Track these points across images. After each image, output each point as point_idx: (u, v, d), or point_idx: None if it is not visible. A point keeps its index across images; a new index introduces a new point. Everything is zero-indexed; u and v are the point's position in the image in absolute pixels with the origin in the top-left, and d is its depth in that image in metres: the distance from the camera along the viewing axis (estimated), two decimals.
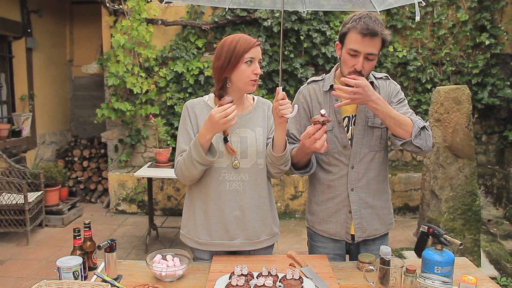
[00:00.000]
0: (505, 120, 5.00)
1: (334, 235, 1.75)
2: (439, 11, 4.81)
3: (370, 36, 1.49)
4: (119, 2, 4.87)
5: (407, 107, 1.69)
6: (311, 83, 1.77)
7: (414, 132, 1.54)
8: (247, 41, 1.55)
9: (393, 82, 1.72)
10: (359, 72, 1.55)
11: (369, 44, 1.51)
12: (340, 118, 1.66)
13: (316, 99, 1.72)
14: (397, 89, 1.71)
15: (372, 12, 1.57)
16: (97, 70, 5.12)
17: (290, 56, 4.73)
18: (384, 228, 1.76)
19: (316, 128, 1.45)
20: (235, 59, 1.54)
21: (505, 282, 3.16)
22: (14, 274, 3.35)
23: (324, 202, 1.75)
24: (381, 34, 1.51)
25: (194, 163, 1.53)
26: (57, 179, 4.61)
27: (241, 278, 1.35)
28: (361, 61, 1.53)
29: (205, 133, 1.50)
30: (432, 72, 4.87)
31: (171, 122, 4.88)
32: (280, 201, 4.91)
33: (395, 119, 1.54)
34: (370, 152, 1.67)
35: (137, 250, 3.93)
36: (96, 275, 1.45)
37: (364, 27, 1.49)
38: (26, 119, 5.17)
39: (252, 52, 1.55)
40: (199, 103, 1.69)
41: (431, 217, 3.33)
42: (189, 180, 1.62)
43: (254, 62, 1.56)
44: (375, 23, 1.50)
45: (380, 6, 2.04)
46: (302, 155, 1.62)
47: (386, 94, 1.67)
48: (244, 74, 1.56)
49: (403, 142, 1.57)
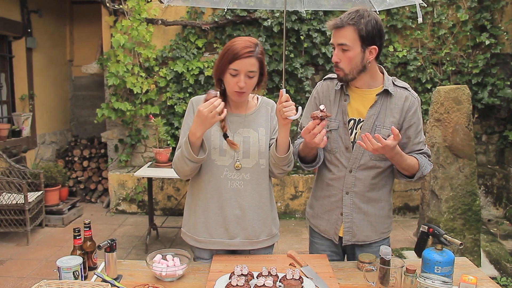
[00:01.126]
0: (505, 120, 5.00)
1: (323, 232, 1.77)
2: (439, 11, 4.80)
3: (337, 28, 1.54)
4: (119, 2, 4.87)
5: (421, 135, 1.67)
6: (327, 79, 1.76)
7: (417, 176, 1.63)
8: (236, 50, 1.50)
9: (412, 95, 1.64)
10: (337, 65, 1.57)
11: (339, 35, 1.54)
12: (346, 119, 1.65)
13: (328, 97, 1.71)
14: (415, 106, 1.63)
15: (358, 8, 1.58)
16: (97, 70, 5.12)
17: (290, 56, 4.73)
18: (376, 236, 1.73)
19: (315, 123, 1.46)
20: (222, 66, 1.55)
21: (505, 282, 3.16)
22: (14, 274, 3.35)
23: (321, 198, 1.77)
24: (347, 24, 1.51)
25: (185, 160, 1.55)
26: (57, 179, 4.61)
27: (241, 278, 1.35)
28: (336, 53, 1.57)
29: (195, 131, 1.49)
30: (432, 72, 4.86)
31: (171, 122, 4.88)
32: (280, 201, 4.91)
33: (404, 166, 1.59)
34: (371, 160, 1.64)
35: (137, 250, 3.93)
36: (96, 275, 1.45)
37: (333, 21, 1.55)
38: (26, 119, 5.17)
39: (237, 64, 1.51)
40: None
41: (431, 217, 3.33)
42: (184, 176, 1.64)
43: (239, 75, 1.52)
44: (346, 16, 1.53)
45: (379, 6, 2.04)
46: (308, 150, 1.64)
47: (400, 108, 1.61)
48: (229, 84, 1.57)
49: (404, 180, 1.69)
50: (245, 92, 1.57)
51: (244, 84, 1.54)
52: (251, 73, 1.54)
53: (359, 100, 1.65)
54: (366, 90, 1.64)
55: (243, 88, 1.54)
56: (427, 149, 1.69)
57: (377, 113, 1.62)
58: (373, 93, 1.63)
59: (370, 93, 1.64)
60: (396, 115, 1.62)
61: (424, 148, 1.68)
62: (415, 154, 1.64)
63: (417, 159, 1.61)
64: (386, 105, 1.62)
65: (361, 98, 1.65)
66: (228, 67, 1.53)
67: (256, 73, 1.57)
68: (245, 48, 1.51)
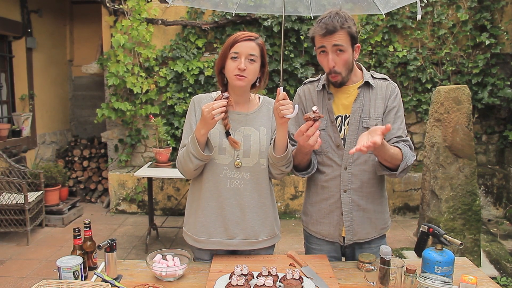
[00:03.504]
0: (505, 120, 5.00)
1: (327, 237, 1.74)
2: (439, 11, 4.80)
3: (329, 34, 1.53)
4: (119, 2, 4.87)
5: (400, 121, 1.65)
6: (308, 83, 1.79)
7: (401, 167, 1.55)
8: (236, 35, 1.57)
9: (392, 83, 1.70)
10: (334, 70, 1.56)
11: (333, 39, 1.54)
12: (333, 117, 1.66)
13: (311, 99, 1.73)
14: (396, 92, 1.67)
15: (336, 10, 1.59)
16: (97, 70, 5.12)
17: (290, 56, 4.73)
18: (375, 233, 1.72)
19: (308, 125, 1.45)
20: (224, 54, 1.58)
21: (505, 282, 3.16)
22: (14, 274, 3.35)
23: (318, 203, 1.74)
24: (341, 28, 1.53)
25: (190, 156, 1.54)
26: (57, 179, 4.62)
27: (241, 278, 1.35)
28: (331, 57, 1.56)
29: (200, 128, 1.51)
30: (432, 72, 4.86)
31: (171, 122, 4.88)
32: (280, 201, 4.91)
33: (387, 157, 1.53)
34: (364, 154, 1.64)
35: (137, 250, 3.93)
36: (96, 275, 1.45)
37: (322, 27, 1.54)
38: (26, 119, 5.17)
39: (237, 47, 1.55)
40: (206, 99, 1.69)
41: (431, 217, 3.33)
42: (188, 174, 1.63)
43: (239, 58, 1.55)
44: (334, 19, 1.53)
45: (384, 9, 2.03)
46: (302, 155, 1.62)
47: (383, 96, 1.65)
48: (229, 69, 1.57)
49: (387, 173, 1.60)
50: (245, 77, 1.56)
51: (245, 67, 1.54)
52: (252, 57, 1.56)
53: (343, 97, 1.67)
54: (349, 86, 1.67)
55: (243, 70, 1.54)
56: (408, 139, 1.64)
57: (362, 106, 1.64)
58: (355, 87, 1.66)
59: (352, 88, 1.67)
60: (380, 105, 1.64)
61: (404, 136, 1.64)
62: (397, 144, 1.59)
63: (400, 149, 1.56)
64: (369, 97, 1.65)
65: (344, 95, 1.67)
66: (229, 51, 1.55)
67: (257, 58, 1.58)
68: (246, 33, 1.58)
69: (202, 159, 1.55)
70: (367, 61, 4.83)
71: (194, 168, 1.58)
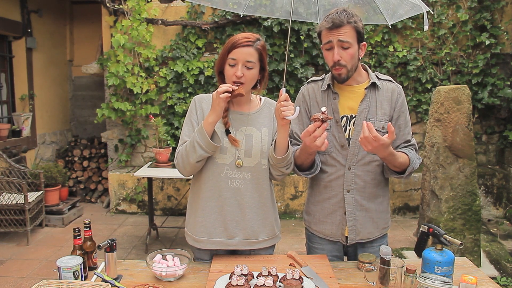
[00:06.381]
0: (505, 120, 5.00)
1: (329, 236, 1.74)
2: (439, 11, 4.80)
3: (336, 28, 1.54)
4: (119, 2, 4.87)
5: (409, 125, 1.70)
6: (311, 82, 1.78)
7: (408, 171, 1.62)
8: (235, 39, 1.55)
9: (398, 86, 1.71)
10: (339, 62, 1.56)
11: (339, 33, 1.54)
12: (338, 117, 1.66)
13: (315, 98, 1.72)
14: (402, 95, 1.70)
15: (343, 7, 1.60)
16: (97, 70, 5.12)
17: (290, 56, 4.73)
18: (377, 232, 1.73)
19: (316, 126, 1.43)
20: (222, 58, 1.58)
21: (505, 282, 3.16)
22: (14, 274, 3.35)
23: (321, 202, 1.74)
24: (348, 23, 1.54)
25: (195, 146, 1.53)
26: (57, 179, 4.61)
27: (241, 278, 1.35)
28: (336, 50, 1.56)
29: (207, 116, 1.53)
30: (432, 72, 4.86)
31: (171, 122, 4.88)
32: (280, 201, 4.90)
33: (397, 164, 1.58)
34: (368, 154, 1.65)
35: (137, 250, 3.93)
36: (96, 275, 1.45)
37: (329, 21, 1.54)
38: (26, 119, 5.17)
39: (235, 53, 1.54)
40: (207, 98, 1.69)
41: (431, 217, 3.33)
42: (188, 168, 1.60)
43: (237, 64, 1.54)
44: (341, 15, 1.54)
45: (391, 20, 2.04)
46: (306, 155, 1.61)
47: (389, 99, 1.66)
48: (227, 75, 1.58)
49: (395, 176, 1.66)
50: (243, 84, 1.56)
51: (242, 74, 1.54)
52: (249, 64, 1.55)
53: (349, 97, 1.67)
54: (355, 86, 1.67)
55: (240, 78, 1.54)
56: (414, 142, 1.71)
57: (368, 107, 1.64)
58: (361, 88, 1.66)
59: (358, 88, 1.66)
60: (386, 107, 1.65)
61: (412, 140, 1.71)
62: (404, 150, 1.65)
63: (407, 155, 1.61)
64: (376, 98, 1.65)
65: (350, 95, 1.67)
66: (227, 57, 1.55)
67: (255, 64, 1.57)
68: (244, 38, 1.55)
69: (208, 149, 1.54)
70: (367, 61, 4.83)
71: (196, 159, 1.55)
